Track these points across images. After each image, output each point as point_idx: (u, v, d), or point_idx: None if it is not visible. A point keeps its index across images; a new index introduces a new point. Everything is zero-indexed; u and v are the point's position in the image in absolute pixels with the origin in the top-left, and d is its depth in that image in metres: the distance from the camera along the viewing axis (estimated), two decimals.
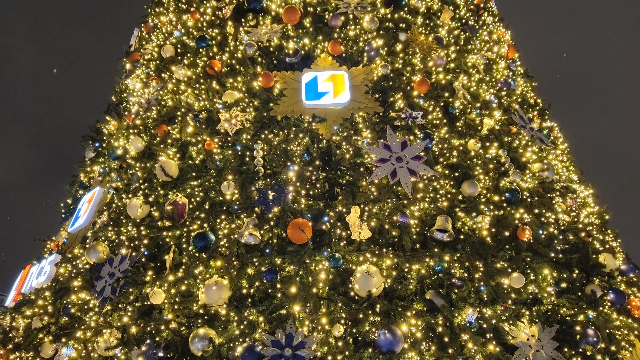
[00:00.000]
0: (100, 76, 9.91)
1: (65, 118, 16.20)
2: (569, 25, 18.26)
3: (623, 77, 17.99)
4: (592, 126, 16.60)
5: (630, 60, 17.93)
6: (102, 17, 17.50)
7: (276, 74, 4.63)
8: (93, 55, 16.60)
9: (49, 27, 18.02)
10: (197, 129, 4.40)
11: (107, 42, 13.93)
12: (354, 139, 4.17)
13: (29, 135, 17.57)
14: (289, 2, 5.21)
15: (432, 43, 4.95)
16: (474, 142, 4.33)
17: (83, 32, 17.82)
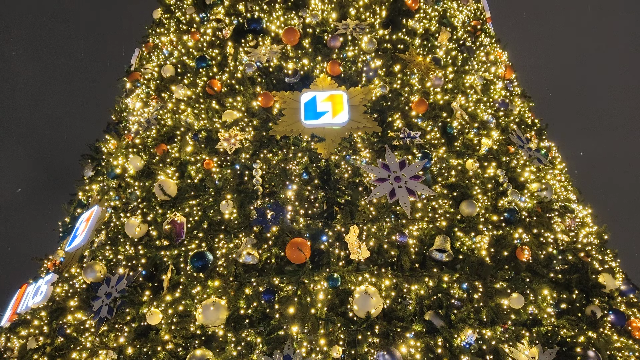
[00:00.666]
0: (99, 95, 9.97)
1: (64, 136, 16.25)
2: (564, 43, 18.48)
3: (620, 94, 18.16)
4: (590, 145, 16.68)
5: (627, 77, 18.11)
6: (103, 36, 17.68)
7: (275, 93, 4.66)
8: (93, 74, 16.72)
9: (49, 45, 18.18)
10: (196, 148, 4.41)
11: (107, 61, 14.06)
12: (352, 158, 4.19)
13: (26, 153, 17.60)
14: (288, 23, 5.29)
15: (430, 64, 5.00)
16: (472, 162, 4.35)
17: (83, 51, 17.98)
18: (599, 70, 18.32)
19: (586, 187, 5.68)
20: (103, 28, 17.68)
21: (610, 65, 18.25)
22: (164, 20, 6.54)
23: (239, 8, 5.64)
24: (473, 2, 7.03)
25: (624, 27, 18.35)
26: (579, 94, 18.12)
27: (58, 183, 13.68)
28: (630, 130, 17.72)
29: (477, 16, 6.80)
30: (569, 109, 17.11)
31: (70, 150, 6.49)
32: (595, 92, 18.34)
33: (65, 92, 17.60)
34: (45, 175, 16.96)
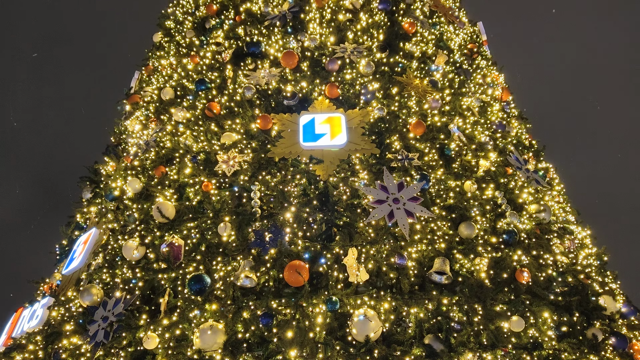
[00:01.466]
0: (98, 117, 10.02)
1: (62, 158, 16.26)
2: (559, 62, 18.70)
3: (617, 113, 18.29)
4: (587, 163, 16.74)
5: (623, 96, 18.27)
6: (103, 59, 17.83)
7: (274, 116, 4.69)
8: (92, 96, 16.84)
9: (49, 67, 18.32)
10: (195, 170, 4.42)
11: (107, 84, 14.15)
12: (351, 180, 4.19)
13: (24, 174, 17.58)
14: (287, 46, 5.35)
15: (427, 86, 5.05)
16: (470, 184, 4.36)
17: (83, 74, 18.11)
18: (595, 86, 18.49)
19: (585, 207, 5.69)
20: (103, 51, 17.84)
21: (606, 82, 18.42)
22: (164, 43, 6.62)
23: (238, 32, 5.71)
24: (469, 25, 7.13)
25: (621, 45, 18.58)
26: (575, 113, 18.25)
27: (56, 205, 13.64)
28: (628, 147, 17.79)
29: (473, 39, 6.90)
30: (566, 129, 17.21)
31: (68, 173, 6.50)
32: (592, 110, 18.48)
33: (64, 114, 17.68)
34: (43, 197, 16.91)
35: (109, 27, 18.16)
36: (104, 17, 18.30)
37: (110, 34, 17.88)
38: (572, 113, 18.12)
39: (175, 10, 6.96)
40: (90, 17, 18.43)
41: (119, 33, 17.49)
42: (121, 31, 17.44)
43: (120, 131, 5.91)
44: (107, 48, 17.56)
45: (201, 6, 6.52)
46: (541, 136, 6.19)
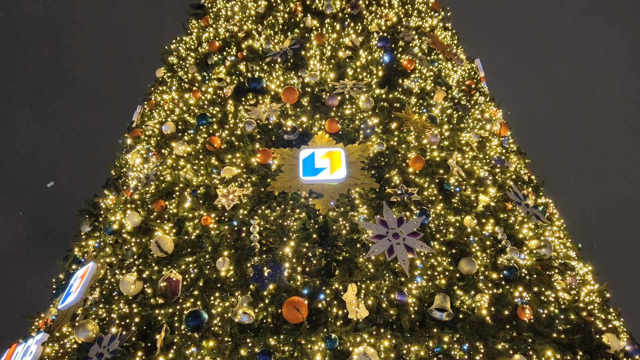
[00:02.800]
0: (98, 150, 10.07)
1: (62, 191, 16.25)
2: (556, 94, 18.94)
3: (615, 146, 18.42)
4: (587, 199, 16.73)
5: (622, 127, 18.44)
6: (104, 93, 18.06)
7: (274, 150, 4.72)
8: (93, 130, 16.96)
9: (49, 101, 18.51)
10: (195, 204, 4.42)
11: (108, 118, 14.29)
12: (350, 214, 4.18)
13: (22, 207, 17.52)
14: (287, 82, 5.43)
15: (426, 122, 5.10)
16: (470, 219, 4.35)
17: (85, 107, 18.31)
18: (591, 120, 18.69)
19: (585, 243, 5.66)
20: (105, 85, 18.09)
21: (603, 115, 18.63)
22: (167, 78, 6.73)
23: (240, 68, 5.81)
24: (467, 62, 7.27)
25: (618, 77, 18.85)
26: (574, 147, 18.38)
27: (54, 238, 13.55)
28: (625, 181, 17.82)
29: (471, 76, 7.01)
30: (565, 164, 17.29)
31: (68, 206, 6.49)
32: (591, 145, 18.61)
33: (64, 147, 17.78)
34: (40, 230, 16.83)
35: (111, 61, 18.47)
36: (105, 51, 18.64)
37: (112, 68, 18.18)
38: (570, 147, 18.25)
39: (178, 47, 7.11)
40: (93, 51, 18.77)
41: (121, 67, 17.78)
42: (123, 65, 17.74)
43: (121, 164, 5.94)
44: (109, 82, 17.81)
45: (204, 43, 6.65)
46: (540, 171, 6.22)
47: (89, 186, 5.94)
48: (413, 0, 7.21)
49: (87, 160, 15.67)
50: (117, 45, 18.37)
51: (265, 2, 6.58)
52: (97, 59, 18.65)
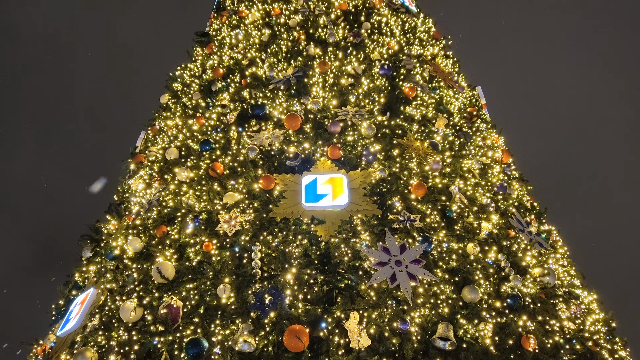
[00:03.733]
0: (101, 175, 10.11)
1: (63, 215, 16.24)
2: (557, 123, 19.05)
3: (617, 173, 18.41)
4: (591, 226, 16.64)
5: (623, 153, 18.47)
6: (107, 118, 18.23)
7: (276, 176, 4.74)
8: (97, 154, 17.05)
9: (52, 126, 18.65)
10: (196, 230, 4.41)
11: (112, 143, 14.36)
12: (352, 241, 4.17)
13: (21, 231, 17.47)
14: (290, 109, 5.48)
15: (427, 148, 5.13)
16: (472, 246, 4.33)
17: (88, 132, 18.45)
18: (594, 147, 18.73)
19: (589, 271, 5.60)
20: (109, 111, 18.28)
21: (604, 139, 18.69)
22: (171, 104, 6.79)
23: (244, 95, 5.88)
24: (468, 90, 7.34)
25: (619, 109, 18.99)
26: (577, 173, 18.38)
27: (53, 263, 13.49)
28: (628, 205, 17.74)
29: (472, 103, 7.07)
30: (568, 190, 17.26)
31: (69, 230, 6.48)
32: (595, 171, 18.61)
33: (67, 172, 17.84)
34: (41, 255, 16.76)
35: (117, 87, 18.69)
36: (111, 77, 18.88)
37: (117, 94, 18.38)
38: (573, 174, 18.25)
39: (183, 73, 7.20)
40: (97, 78, 19.01)
41: (126, 93, 17.98)
42: (127, 91, 17.94)
43: (124, 190, 5.96)
44: (113, 107, 17.99)
45: (208, 70, 6.74)
46: (543, 198, 6.21)
47: (91, 211, 5.93)
48: (414, 29, 7.33)
49: (90, 185, 15.71)
50: (122, 71, 18.61)
51: (269, 31, 6.69)
52: (103, 84, 18.89)
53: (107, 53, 19.03)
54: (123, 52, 18.95)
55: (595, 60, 19.40)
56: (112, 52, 19.03)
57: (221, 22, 7.66)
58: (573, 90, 19.15)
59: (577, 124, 18.91)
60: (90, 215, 5.60)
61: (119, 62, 18.92)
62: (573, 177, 18.15)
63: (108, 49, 19.11)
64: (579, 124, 18.91)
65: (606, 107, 18.98)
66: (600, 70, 19.26)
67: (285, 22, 6.76)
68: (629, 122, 18.64)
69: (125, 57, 18.85)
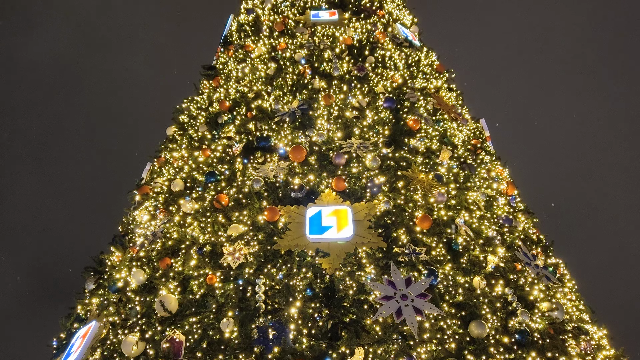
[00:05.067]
0: (106, 206, 10.12)
1: (64, 247, 16.20)
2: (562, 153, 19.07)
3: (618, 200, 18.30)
4: (599, 258, 16.45)
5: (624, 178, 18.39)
6: (113, 150, 18.37)
7: (281, 208, 4.74)
8: (103, 186, 17.12)
9: (55, 158, 18.76)
10: (200, 262, 4.39)
11: (117, 174, 14.43)
12: (357, 274, 4.13)
13: (23, 262, 17.39)
14: (295, 141, 5.52)
15: (432, 180, 5.13)
16: (479, 280, 4.28)
17: (93, 163, 18.56)
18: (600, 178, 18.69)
19: (599, 305, 5.51)
20: (116, 142, 18.44)
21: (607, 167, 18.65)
22: (177, 136, 6.86)
23: (249, 127, 5.94)
24: (472, 122, 7.39)
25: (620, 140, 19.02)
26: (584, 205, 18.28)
27: (56, 295, 13.39)
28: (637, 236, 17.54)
29: (476, 135, 7.11)
30: (572, 222, 17.14)
31: (72, 262, 6.47)
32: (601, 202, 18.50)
33: (72, 203, 17.87)
34: (43, 287, 16.64)
35: (127, 117, 18.91)
36: (121, 109, 19.13)
37: (127, 125, 18.58)
38: (580, 205, 18.16)
39: (189, 106, 7.30)
40: (102, 110, 19.26)
41: (134, 125, 18.19)
42: (136, 123, 18.15)
43: (129, 221, 5.96)
44: (122, 138, 18.16)
45: (214, 102, 6.83)
46: (549, 230, 6.17)
47: (96, 243, 5.93)
48: (418, 63, 7.44)
49: (94, 216, 15.73)
50: (128, 103, 18.88)
51: (275, 65, 6.80)
52: (109, 116, 19.12)
53: (114, 86, 19.34)
54: (130, 84, 19.26)
55: (600, 90, 19.57)
56: (119, 84, 19.34)
57: (228, 56, 7.80)
58: (577, 121, 19.26)
59: (582, 155, 18.94)
60: (94, 247, 5.59)
61: (125, 94, 19.21)
62: (579, 209, 18.04)
63: (114, 82, 19.43)
64: (584, 155, 18.93)
65: (613, 138, 19.04)
66: (604, 100, 19.42)
67: (290, 56, 6.89)
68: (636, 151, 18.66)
69: (132, 89, 19.14)
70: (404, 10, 9.40)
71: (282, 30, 7.54)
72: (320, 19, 7.78)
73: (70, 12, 19.65)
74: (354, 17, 7.89)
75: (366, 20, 7.78)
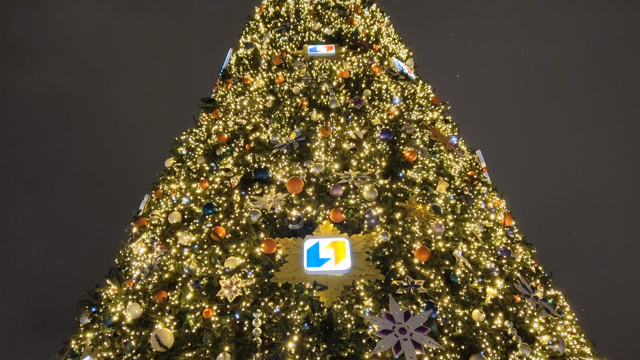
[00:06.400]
0: (102, 239, 10.06)
1: (59, 279, 16.00)
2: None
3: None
4: (599, 290, 16.32)
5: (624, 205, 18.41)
6: (111, 181, 18.36)
7: (279, 240, 4.73)
8: (97, 221, 17.03)
9: (50, 191, 18.72)
10: (197, 296, 4.35)
11: (114, 206, 14.39)
12: (355, 307, 4.10)
13: (16, 295, 17.13)
14: (293, 173, 5.55)
15: (429, 212, 5.13)
16: (478, 313, 4.24)
17: (90, 196, 18.51)
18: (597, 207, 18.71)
19: (600, 338, 5.45)
20: (114, 174, 18.45)
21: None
22: (175, 168, 6.89)
23: (247, 159, 5.97)
24: (468, 153, 7.45)
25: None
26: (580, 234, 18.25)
27: (49, 329, 13.15)
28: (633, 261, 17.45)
29: (473, 166, 7.15)
30: (571, 253, 17.08)
31: (68, 295, 6.39)
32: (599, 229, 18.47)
33: (67, 235, 17.74)
34: (36, 320, 16.35)
35: (123, 152, 18.98)
36: (112, 142, 19.19)
37: (126, 157, 18.63)
38: (579, 236, 18.13)
39: (188, 138, 7.35)
40: (100, 141, 19.33)
41: (131, 157, 18.24)
42: (132, 156, 18.20)
43: (125, 254, 5.92)
44: (118, 171, 18.18)
45: (213, 135, 6.89)
46: (547, 262, 6.14)
47: (91, 275, 5.86)
48: (414, 96, 7.55)
49: (91, 249, 15.61)
50: (127, 135, 18.97)
51: (273, 97, 6.89)
52: (107, 148, 19.18)
53: (115, 118, 19.49)
54: (130, 117, 19.42)
55: (596, 121, 19.83)
56: (116, 116, 19.50)
57: (227, 89, 7.90)
58: (574, 153, 19.43)
59: (580, 186, 19.02)
60: (90, 279, 5.53)
61: (123, 126, 19.33)
62: (578, 240, 18.00)
63: (115, 114, 19.59)
64: (582, 186, 19.02)
65: (611, 170, 19.17)
66: (601, 130, 19.64)
67: (288, 89, 6.99)
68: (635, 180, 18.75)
69: (129, 121, 19.28)
70: (400, 44, 9.60)
71: (280, 64, 7.68)
72: (317, 53, 7.94)
73: (66, 46, 19.94)
74: (350, 51, 8.05)
75: (363, 54, 7.93)
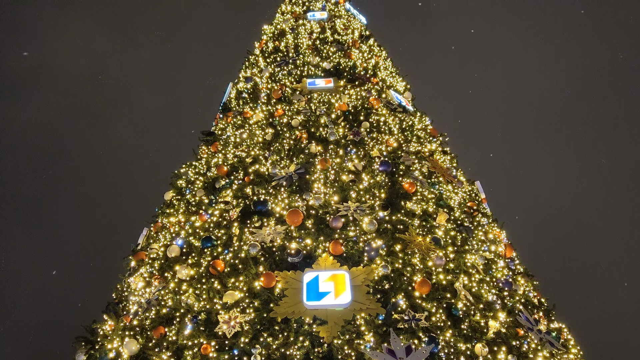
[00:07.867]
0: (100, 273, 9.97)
1: (55, 315, 15.78)
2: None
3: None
4: (602, 322, 16.08)
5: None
6: (108, 215, 18.32)
7: (278, 273, 4.69)
8: (96, 252, 16.93)
9: (44, 222, 18.65)
10: (195, 331, 4.28)
11: (111, 240, 14.31)
12: (356, 342, 4.03)
13: (10, 331, 16.84)
14: (292, 205, 5.54)
15: (430, 244, 5.11)
16: (481, 347, 4.17)
17: (90, 229, 18.44)
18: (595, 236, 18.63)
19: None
20: (113, 206, 18.43)
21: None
22: (175, 201, 6.88)
23: (247, 191, 5.98)
24: (467, 184, 7.46)
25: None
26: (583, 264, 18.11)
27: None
28: None
29: (472, 197, 7.15)
30: (573, 284, 16.92)
31: (64, 331, 6.28)
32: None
33: (65, 269, 17.60)
34: (31, 356, 16.03)
35: (119, 184, 18.99)
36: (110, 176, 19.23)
37: (120, 192, 18.64)
38: (580, 266, 17.99)
39: (187, 171, 7.37)
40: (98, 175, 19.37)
41: (129, 189, 18.25)
42: (131, 188, 18.21)
43: (123, 288, 5.85)
44: (118, 203, 18.16)
45: (212, 167, 6.91)
46: (550, 294, 6.07)
47: (88, 311, 5.78)
48: (412, 128, 7.62)
49: (88, 283, 15.45)
50: (125, 170, 19.03)
51: (272, 130, 6.95)
52: (105, 182, 19.21)
53: (115, 153, 19.61)
54: (129, 151, 19.53)
55: (592, 150, 19.97)
56: (114, 149, 19.62)
57: (226, 122, 7.98)
58: (572, 183, 19.48)
59: (579, 215, 18.99)
60: (86, 315, 5.45)
61: (121, 159, 19.42)
62: (580, 270, 17.86)
63: (114, 148, 19.72)
64: (580, 215, 18.99)
65: (611, 197, 19.19)
66: (598, 157, 19.76)
67: (288, 122, 7.05)
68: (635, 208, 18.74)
69: (133, 155, 19.39)
70: (397, 77, 9.75)
71: (280, 97, 7.78)
72: (316, 87, 8.06)
73: (60, 79, 20.19)
74: (349, 84, 8.17)
75: (361, 87, 8.04)
